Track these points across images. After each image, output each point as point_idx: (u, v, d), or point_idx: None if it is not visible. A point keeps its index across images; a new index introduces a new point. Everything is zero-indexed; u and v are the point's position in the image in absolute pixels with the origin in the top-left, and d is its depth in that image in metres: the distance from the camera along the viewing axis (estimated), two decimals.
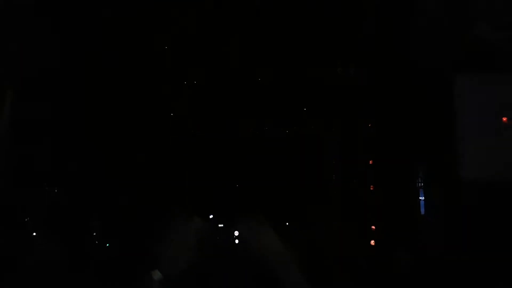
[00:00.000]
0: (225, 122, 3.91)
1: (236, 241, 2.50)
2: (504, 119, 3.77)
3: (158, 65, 4.00)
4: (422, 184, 3.95)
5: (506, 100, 3.82)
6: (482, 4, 3.74)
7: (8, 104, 3.71)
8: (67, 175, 3.69)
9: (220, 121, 3.91)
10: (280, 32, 3.98)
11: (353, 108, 4.00)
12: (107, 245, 3.69)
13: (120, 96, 3.88)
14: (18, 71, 3.73)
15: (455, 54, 3.73)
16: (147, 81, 3.96)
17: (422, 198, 3.93)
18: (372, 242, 3.71)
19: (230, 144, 3.85)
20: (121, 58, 3.88)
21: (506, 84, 3.85)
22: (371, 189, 3.91)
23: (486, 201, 3.60)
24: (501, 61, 3.75)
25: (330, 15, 3.98)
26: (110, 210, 3.51)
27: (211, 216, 2.55)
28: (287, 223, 3.76)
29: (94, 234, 3.74)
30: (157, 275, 2.19)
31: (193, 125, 3.92)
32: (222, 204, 3.29)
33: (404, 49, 3.97)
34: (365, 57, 3.98)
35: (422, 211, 3.89)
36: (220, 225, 2.57)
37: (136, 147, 3.80)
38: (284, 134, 3.93)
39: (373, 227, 3.81)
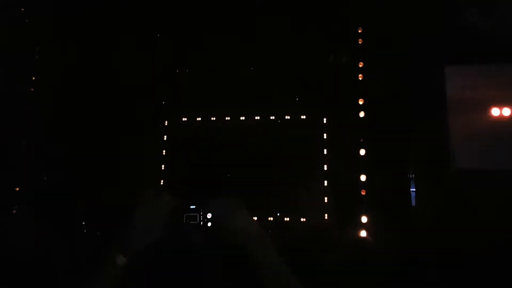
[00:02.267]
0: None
1: (209, 224, 2.47)
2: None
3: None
4: (413, 175, 3.89)
5: (497, 90, 3.77)
6: None
7: None
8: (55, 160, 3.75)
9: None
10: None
11: (345, 97, 3.98)
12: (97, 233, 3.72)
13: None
14: None
15: (443, 45, 3.68)
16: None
17: (413, 189, 3.87)
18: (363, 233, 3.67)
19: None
20: None
21: (497, 74, 3.79)
22: (363, 180, 3.86)
23: (477, 189, 3.53)
24: (491, 50, 3.68)
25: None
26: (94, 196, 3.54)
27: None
28: (278, 215, 3.74)
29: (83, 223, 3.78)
30: (121, 260, 2.17)
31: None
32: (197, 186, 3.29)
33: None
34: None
35: (413, 202, 3.83)
36: (192, 206, 2.54)
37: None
38: (271, 121, 3.93)
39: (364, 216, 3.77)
